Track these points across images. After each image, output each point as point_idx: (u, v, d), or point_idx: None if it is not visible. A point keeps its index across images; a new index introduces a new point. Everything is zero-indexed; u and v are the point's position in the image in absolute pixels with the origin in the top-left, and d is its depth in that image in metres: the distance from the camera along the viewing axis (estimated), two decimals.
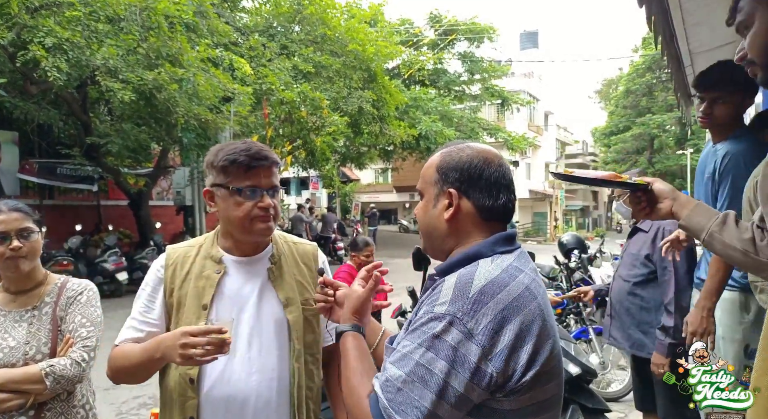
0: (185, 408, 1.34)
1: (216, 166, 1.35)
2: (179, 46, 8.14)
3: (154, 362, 1.30)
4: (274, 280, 1.43)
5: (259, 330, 1.38)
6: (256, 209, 1.34)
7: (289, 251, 1.50)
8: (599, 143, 36.76)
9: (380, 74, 13.51)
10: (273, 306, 1.41)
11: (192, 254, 1.43)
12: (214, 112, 9.08)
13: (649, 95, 29.31)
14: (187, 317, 1.36)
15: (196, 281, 1.38)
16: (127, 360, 1.34)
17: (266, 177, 1.36)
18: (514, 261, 0.99)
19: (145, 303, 1.41)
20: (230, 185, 1.34)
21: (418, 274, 2.48)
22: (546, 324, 0.95)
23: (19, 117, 9.03)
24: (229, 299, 1.38)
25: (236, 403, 1.33)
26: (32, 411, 1.54)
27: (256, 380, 1.35)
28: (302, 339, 1.42)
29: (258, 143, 1.41)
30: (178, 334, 1.21)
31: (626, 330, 2.81)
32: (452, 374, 0.88)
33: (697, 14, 1.90)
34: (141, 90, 7.83)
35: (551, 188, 31.42)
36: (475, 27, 20.19)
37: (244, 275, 1.42)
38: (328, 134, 12.16)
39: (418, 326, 0.94)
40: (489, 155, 1.06)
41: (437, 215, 1.06)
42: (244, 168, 1.33)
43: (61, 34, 6.87)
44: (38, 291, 1.66)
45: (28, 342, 1.57)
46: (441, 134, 16.20)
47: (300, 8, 12.35)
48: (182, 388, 1.35)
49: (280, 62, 11.11)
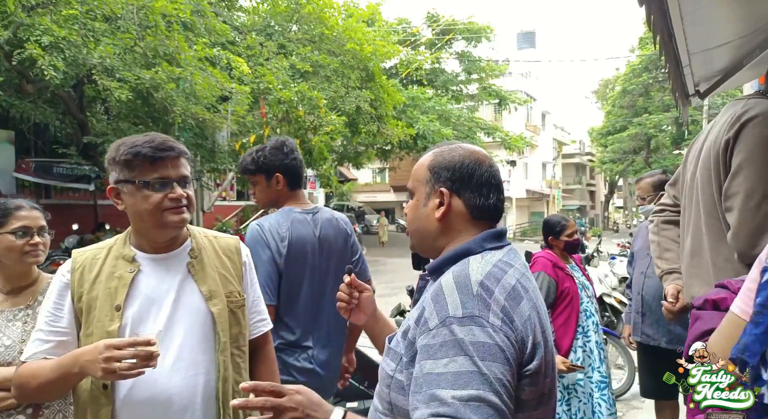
0: (98, 416, 1.26)
1: (119, 161, 1.29)
2: (176, 45, 8.11)
3: (71, 377, 1.22)
4: (195, 274, 1.38)
5: (180, 325, 1.33)
6: (167, 200, 1.29)
7: (209, 245, 1.46)
8: (596, 143, 36.82)
9: (378, 74, 13.51)
10: (195, 300, 1.37)
11: (101, 256, 1.37)
12: (212, 111, 9.06)
13: (645, 95, 29.36)
14: (99, 320, 1.29)
15: (108, 282, 1.32)
16: (36, 378, 1.25)
17: (174, 168, 1.31)
18: (503, 257, 1.00)
19: (51, 312, 1.32)
20: (136, 179, 1.28)
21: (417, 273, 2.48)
22: (540, 315, 0.96)
23: (15, 116, 8.99)
24: (145, 298, 1.32)
25: (158, 404, 1.27)
26: (30, 409, 1.54)
27: (180, 377, 1.30)
28: (228, 331, 1.39)
29: (161, 134, 1.36)
30: (101, 347, 1.14)
31: (665, 326, 2.83)
32: (504, 370, 0.86)
33: (695, 14, 1.91)
34: (138, 89, 7.79)
35: (548, 188, 31.47)
36: (472, 27, 20.22)
37: (160, 273, 1.36)
38: (326, 133, 12.14)
39: (445, 339, 0.88)
40: (480, 155, 1.08)
41: (428, 214, 1.07)
42: (149, 160, 1.27)
43: (58, 32, 6.84)
44: (31, 290, 1.68)
45: (24, 340, 1.56)
46: (438, 133, 16.22)
47: (297, 7, 12.33)
48: (94, 395, 1.27)
49: (278, 61, 11.09)
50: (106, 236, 10.27)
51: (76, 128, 9.99)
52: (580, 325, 2.87)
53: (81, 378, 1.24)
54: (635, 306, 3.10)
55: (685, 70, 2.65)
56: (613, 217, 45.27)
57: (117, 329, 1.28)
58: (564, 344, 2.77)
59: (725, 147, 1.74)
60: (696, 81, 2.92)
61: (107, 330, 1.28)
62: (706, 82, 2.95)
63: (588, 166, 45.95)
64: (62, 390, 1.30)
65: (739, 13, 2.04)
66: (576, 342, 2.84)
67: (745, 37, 2.20)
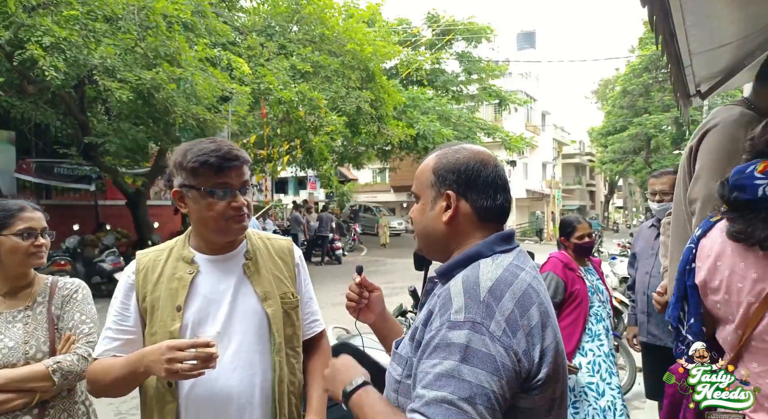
0: (164, 412, 1.32)
1: (185, 167, 1.32)
2: (177, 45, 8.12)
3: (138, 375, 1.28)
4: (251, 275, 1.42)
5: (238, 326, 1.37)
6: (230, 209, 1.33)
7: (263, 247, 1.49)
8: (596, 143, 36.81)
9: (378, 74, 13.52)
10: (251, 301, 1.40)
11: (163, 258, 1.41)
12: (212, 111, 9.07)
13: (645, 95, 29.35)
14: (162, 320, 1.34)
15: (169, 284, 1.36)
16: (108, 374, 1.31)
17: (237, 176, 1.34)
18: (513, 260, 0.99)
19: (118, 311, 1.38)
20: (201, 187, 1.31)
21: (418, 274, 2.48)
22: (550, 320, 0.95)
23: (16, 116, 9.01)
24: (204, 298, 1.36)
25: (219, 402, 1.32)
26: (36, 409, 1.55)
27: (238, 376, 1.34)
28: (282, 332, 1.41)
29: (227, 141, 1.38)
30: (164, 348, 1.19)
31: None
32: (491, 379, 0.85)
33: (696, 14, 1.91)
34: (139, 89, 7.81)
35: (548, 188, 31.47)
36: (472, 27, 20.22)
37: (218, 273, 1.40)
38: (326, 133, 12.15)
39: (440, 341, 0.90)
40: (485, 156, 1.07)
41: (435, 217, 1.06)
42: (215, 169, 1.30)
43: (59, 33, 6.85)
44: (28, 291, 1.67)
45: (27, 341, 1.57)
46: (439, 133, 16.22)
47: (298, 8, 12.34)
48: (160, 393, 1.33)
49: (278, 62, 11.10)
50: (106, 237, 10.29)
51: (76, 129, 10.00)
52: (590, 328, 2.82)
53: (147, 376, 1.29)
54: (640, 306, 3.09)
55: (687, 70, 2.65)
56: (613, 217, 45.22)
57: (178, 329, 1.32)
58: (568, 346, 2.74)
59: (688, 154, 1.88)
60: (697, 81, 2.92)
61: (169, 329, 1.32)
62: (707, 83, 2.95)
63: (588, 166, 45.94)
64: (130, 387, 1.35)
65: (741, 14, 2.04)
66: (585, 346, 2.80)
67: (746, 37, 2.20)
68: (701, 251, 1.26)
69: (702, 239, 1.28)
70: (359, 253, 18.47)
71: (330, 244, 15.26)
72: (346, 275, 12.49)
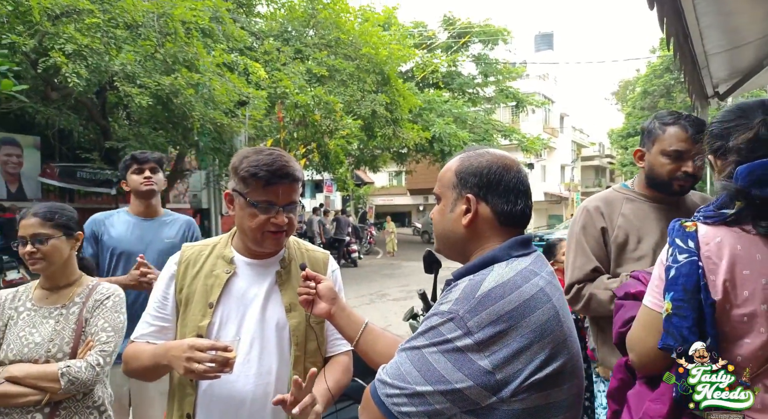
0: (184, 403, 1.36)
1: (238, 174, 1.34)
2: (195, 51, 8.25)
3: (161, 367, 1.33)
4: (282, 284, 1.43)
5: (261, 332, 1.38)
6: (270, 224, 1.34)
7: (300, 257, 1.50)
8: (616, 145, 36.27)
9: (394, 77, 13.54)
10: (277, 310, 1.41)
11: (205, 253, 1.45)
12: (230, 116, 9.18)
13: (667, 96, 28.85)
14: (194, 314, 1.37)
15: (206, 279, 1.40)
16: (137, 360, 1.37)
17: (285, 194, 1.34)
18: (529, 265, 0.99)
19: (159, 299, 1.43)
20: (247, 197, 1.33)
21: (430, 277, 2.47)
22: (561, 325, 0.95)
23: (41, 122, 9.23)
24: (235, 300, 1.39)
25: (233, 403, 1.34)
26: (48, 408, 1.58)
27: (254, 382, 1.35)
28: (303, 345, 1.41)
29: (284, 156, 1.37)
30: (186, 346, 1.23)
31: None
32: (449, 370, 0.90)
33: (711, 16, 1.88)
34: (158, 95, 7.94)
35: (567, 191, 31.10)
36: (488, 29, 20.13)
37: (253, 277, 1.43)
38: (342, 137, 12.20)
39: (423, 322, 0.99)
40: (508, 161, 1.07)
41: (454, 220, 1.07)
42: (263, 183, 1.31)
43: (81, 40, 7.01)
44: (69, 291, 1.72)
45: (52, 339, 1.61)
46: (455, 136, 16.17)
47: (314, 13, 12.44)
48: (182, 383, 1.38)
49: (295, 66, 11.19)
50: None
51: (98, 134, 10.22)
52: None
53: (169, 369, 1.34)
54: None
55: (703, 71, 2.61)
56: None
57: (206, 326, 1.35)
58: None
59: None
60: (715, 83, 2.88)
61: (199, 324, 1.36)
62: (725, 84, 2.90)
63: (608, 168, 45.29)
64: (156, 376, 1.40)
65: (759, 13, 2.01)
66: None
67: (765, 37, 2.16)
68: (708, 263, 1.10)
69: (701, 249, 1.11)
70: (374, 256, 18.47)
71: (346, 247, 15.31)
72: (361, 278, 12.51)
